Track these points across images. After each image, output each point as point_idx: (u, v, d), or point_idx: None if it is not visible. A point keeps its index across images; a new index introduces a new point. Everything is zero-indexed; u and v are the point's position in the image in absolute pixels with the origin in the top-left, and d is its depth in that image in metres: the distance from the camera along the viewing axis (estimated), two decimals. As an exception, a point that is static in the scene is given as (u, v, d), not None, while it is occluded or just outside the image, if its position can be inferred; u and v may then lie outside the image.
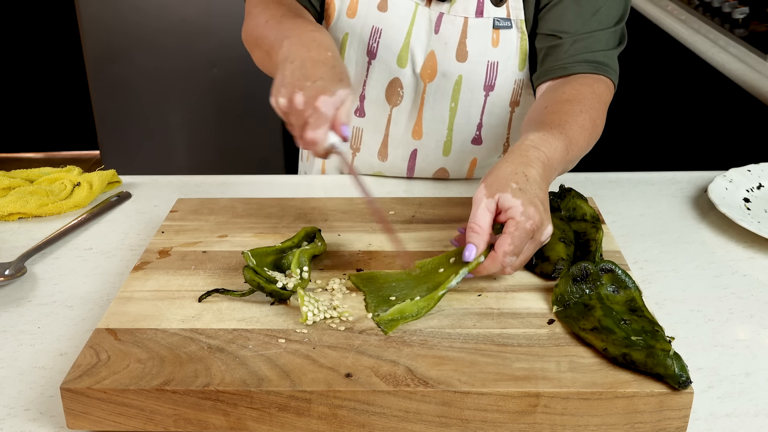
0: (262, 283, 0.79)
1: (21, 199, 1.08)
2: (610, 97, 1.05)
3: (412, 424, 0.69)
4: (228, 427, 0.70)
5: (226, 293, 0.81)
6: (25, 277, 0.94)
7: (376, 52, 1.13)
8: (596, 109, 0.99)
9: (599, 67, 1.04)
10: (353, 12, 1.13)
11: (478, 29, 1.10)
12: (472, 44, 1.10)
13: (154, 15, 2.64)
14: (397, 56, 1.13)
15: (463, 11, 1.10)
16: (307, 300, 0.77)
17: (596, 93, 1.01)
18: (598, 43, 1.05)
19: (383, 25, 1.12)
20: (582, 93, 1.00)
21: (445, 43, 1.11)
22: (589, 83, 1.02)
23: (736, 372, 0.78)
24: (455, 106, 1.15)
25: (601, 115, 1.00)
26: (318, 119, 0.79)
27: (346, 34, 1.15)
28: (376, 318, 0.77)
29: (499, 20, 1.10)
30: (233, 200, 1.04)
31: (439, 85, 1.13)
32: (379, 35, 1.12)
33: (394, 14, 1.11)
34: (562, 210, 0.96)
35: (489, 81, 1.12)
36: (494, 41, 1.10)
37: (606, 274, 0.80)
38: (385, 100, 1.17)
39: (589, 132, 0.96)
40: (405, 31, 1.11)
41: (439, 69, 1.12)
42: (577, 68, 1.04)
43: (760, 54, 1.59)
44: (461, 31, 1.10)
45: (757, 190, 1.13)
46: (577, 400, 0.68)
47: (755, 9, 1.82)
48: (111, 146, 2.83)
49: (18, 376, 0.78)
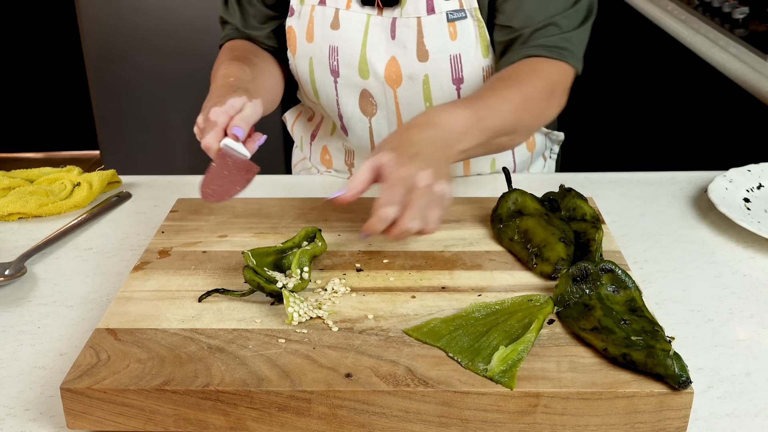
0: (262, 283, 0.79)
1: (21, 199, 1.08)
2: (562, 79, 1.05)
3: (412, 424, 0.69)
4: (228, 427, 0.70)
5: (226, 293, 0.81)
6: (25, 277, 0.94)
7: (338, 70, 1.15)
8: (532, 86, 1.00)
9: (554, 51, 1.05)
10: (311, 36, 1.15)
11: (433, 26, 1.10)
12: (430, 42, 1.10)
13: (154, 15, 2.64)
14: (357, 69, 1.14)
15: (415, 12, 1.10)
16: (292, 300, 0.77)
17: (537, 71, 1.02)
18: (555, 28, 1.06)
19: (338, 42, 1.13)
20: (521, 70, 1.02)
21: (404, 46, 1.11)
22: (533, 62, 1.04)
23: (736, 372, 0.78)
24: (430, 105, 1.15)
25: (539, 92, 1.01)
26: (209, 127, 0.93)
27: (310, 58, 1.17)
28: (488, 374, 0.70)
29: (452, 12, 1.09)
30: (233, 200, 1.04)
31: (408, 88, 1.14)
32: (337, 53, 1.14)
33: (346, 29, 1.12)
34: (562, 210, 0.96)
35: (456, 74, 1.12)
36: (452, 34, 1.10)
37: (606, 274, 0.80)
38: (361, 114, 1.19)
39: (516, 104, 0.97)
40: (360, 43, 1.12)
41: (403, 73, 1.12)
42: (531, 52, 1.05)
43: (760, 54, 1.59)
44: (417, 32, 1.10)
45: (757, 190, 1.13)
46: (577, 400, 0.68)
47: (755, 9, 1.82)
48: (111, 146, 2.83)
49: (18, 376, 0.78)
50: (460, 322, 0.77)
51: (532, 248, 0.88)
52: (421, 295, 0.82)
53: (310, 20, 1.15)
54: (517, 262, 0.89)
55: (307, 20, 1.15)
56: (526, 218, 0.92)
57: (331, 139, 1.29)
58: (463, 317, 0.78)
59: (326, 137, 1.30)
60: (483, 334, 0.75)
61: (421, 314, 0.79)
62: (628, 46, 2.36)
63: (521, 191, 0.97)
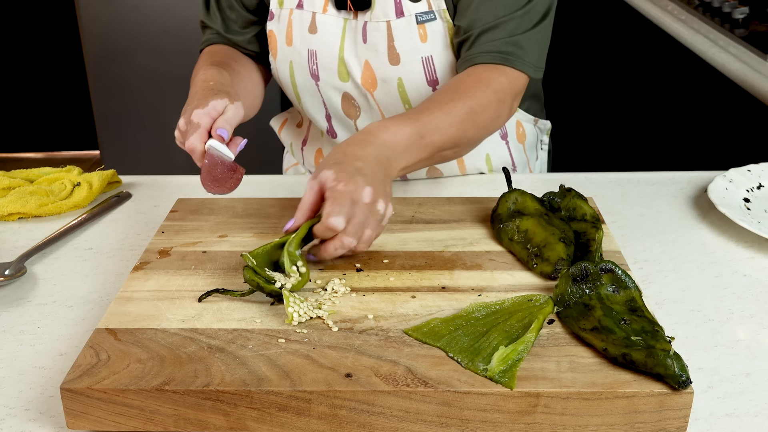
0: (262, 283, 0.79)
1: (21, 199, 1.08)
2: (507, 85, 1.04)
3: (412, 424, 0.69)
4: (228, 427, 0.70)
5: (226, 293, 0.81)
6: (25, 277, 0.94)
7: (318, 74, 1.15)
8: (476, 98, 1.00)
9: (499, 57, 1.04)
10: (290, 40, 1.15)
11: (403, 29, 1.09)
12: (400, 45, 1.10)
13: (154, 15, 2.64)
14: (336, 72, 1.14)
15: (384, 15, 1.09)
16: (292, 300, 0.77)
17: (483, 82, 1.02)
18: (503, 31, 1.04)
19: (316, 46, 1.13)
20: (464, 82, 1.02)
21: (375, 50, 1.11)
22: (478, 72, 1.03)
23: (736, 372, 0.78)
24: (410, 107, 1.15)
25: (485, 103, 1.00)
26: (192, 129, 0.93)
27: (290, 62, 1.17)
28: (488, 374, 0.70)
29: (421, 15, 1.09)
30: (233, 200, 1.04)
31: (384, 90, 1.14)
32: (316, 57, 1.14)
33: (323, 33, 1.13)
34: (562, 210, 0.96)
35: (430, 76, 1.12)
36: (422, 36, 1.10)
37: (606, 274, 0.80)
38: (345, 116, 1.19)
39: (460, 118, 0.97)
40: (337, 47, 1.12)
41: (377, 76, 1.12)
42: (477, 59, 1.04)
43: (760, 54, 1.59)
44: (387, 35, 1.10)
45: (757, 190, 1.13)
46: (577, 400, 0.68)
47: (755, 9, 1.82)
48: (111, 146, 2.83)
49: (18, 376, 0.78)
50: (460, 322, 0.77)
51: (532, 248, 0.88)
52: (421, 295, 0.82)
53: (289, 24, 1.15)
54: (517, 262, 0.89)
55: (286, 24, 1.15)
56: (526, 218, 0.92)
57: (323, 142, 1.29)
58: (463, 317, 0.78)
59: (318, 140, 1.30)
60: (483, 334, 0.75)
61: (421, 314, 0.79)
62: (628, 46, 2.35)
63: (521, 191, 0.97)
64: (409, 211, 1.01)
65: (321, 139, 1.29)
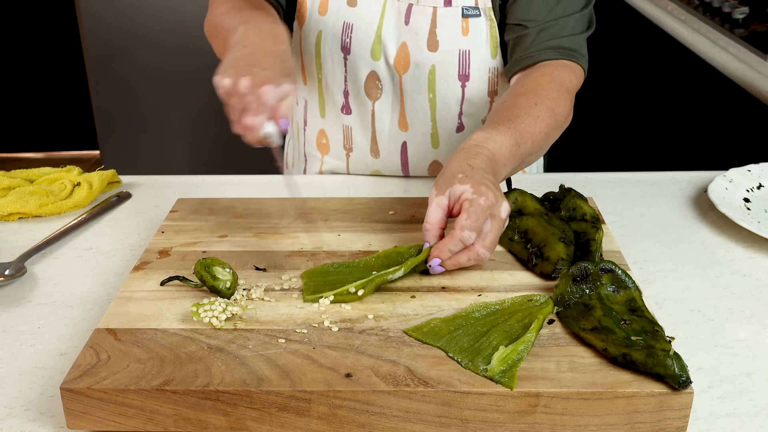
0: (206, 277, 0.80)
1: (21, 199, 1.08)
2: (576, 82, 1.06)
3: (412, 424, 0.69)
4: (228, 427, 0.70)
5: (184, 281, 0.83)
6: (25, 277, 0.94)
7: (350, 47, 1.15)
8: (554, 98, 1.00)
9: (565, 53, 1.06)
10: (324, 9, 1.14)
11: (447, 18, 1.11)
12: (442, 33, 1.11)
13: (154, 15, 2.64)
14: (370, 50, 1.14)
15: (432, 1, 1.11)
16: (209, 300, 0.77)
17: (557, 81, 1.02)
18: (565, 29, 1.07)
19: (354, 19, 1.13)
20: (540, 83, 1.02)
21: (415, 33, 1.12)
22: (550, 71, 1.04)
23: (736, 372, 0.78)
24: (434, 97, 1.16)
25: (561, 102, 1.01)
26: (259, 106, 0.81)
27: (320, 31, 1.16)
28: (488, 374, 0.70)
29: (467, 9, 1.11)
30: (233, 200, 1.04)
31: (414, 75, 1.14)
32: (351, 30, 1.13)
33: (363, 8, 1.13)
34: (562, 210, 0.96)
35: (463, 70, 1.13)
36: (464, 30, 1.11)
37: (606, 274, 0.80)
38: (365, 96, 1.18)
39: (546, 122, 0.97)
40: (376, 24, 1.13)
41: (411, 60, 1.13)
42: (542, 55, 1.06)
43: (760, 54, 1.59)
44: (431, 21, 1.11)
45: (757, 190, 1.13)
46: (577, 400, 0.68)
47: (755, 9, 1.82)
48: (111, 146, 2.83)
49: (18, 376, 0.78)
50: (460, 322, 0.77)
51: (532, 248, 0.88)
52: (421, 295, 0.82)
53: None
54: (517, 262, 0.89)
55: None
56: (526, 218, 0.92)
57: (326, 122, 1.25)
58: (463, 317, 0.78)
59: (318, 120, 1.26)
60: (483, 334, 0.75)
61: (421, 314, 0.79)
62: (628, 46, 2.36)
63: (521, 191, 0.97)
64: (409, 211, 1.01)
65: (322, 119, 1.26)
